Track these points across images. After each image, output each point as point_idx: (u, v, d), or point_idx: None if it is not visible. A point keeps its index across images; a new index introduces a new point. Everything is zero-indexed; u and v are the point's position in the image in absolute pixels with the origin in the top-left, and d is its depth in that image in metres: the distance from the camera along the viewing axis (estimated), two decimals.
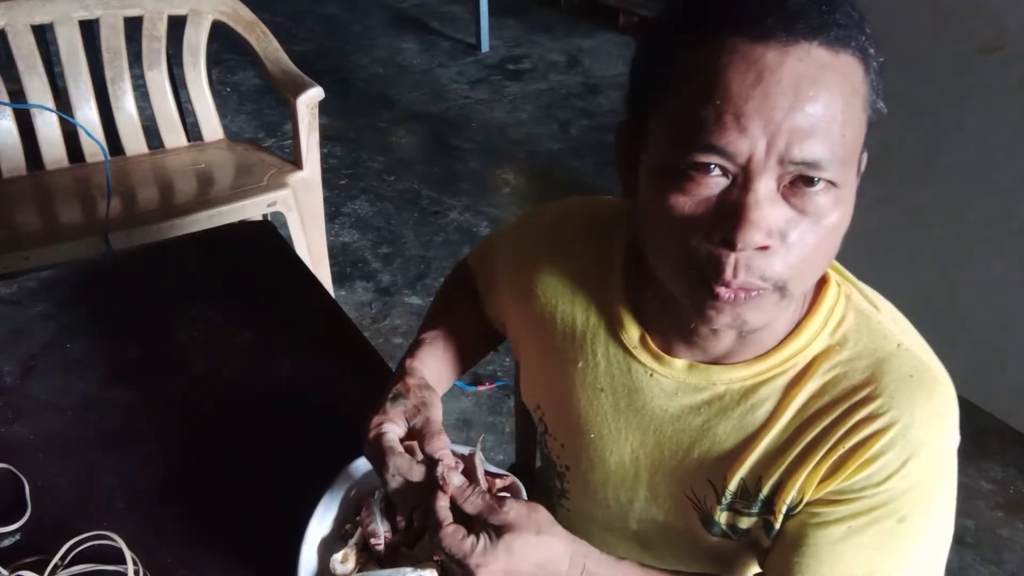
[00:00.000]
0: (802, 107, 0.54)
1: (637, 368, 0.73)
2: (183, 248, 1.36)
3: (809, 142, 0.54)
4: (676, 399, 0.72)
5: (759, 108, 0.54)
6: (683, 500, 0.75)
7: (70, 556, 0.78)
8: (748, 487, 0.70)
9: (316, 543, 0.78)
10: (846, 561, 0.67)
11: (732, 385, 0.69)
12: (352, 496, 0.83)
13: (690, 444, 0.72)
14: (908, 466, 0.64)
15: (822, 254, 0.60)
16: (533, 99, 3.78)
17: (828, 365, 0.67)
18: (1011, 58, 1.69)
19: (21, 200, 1.88)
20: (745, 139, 0.54)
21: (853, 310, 0.69)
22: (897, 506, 0.65)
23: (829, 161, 0.55)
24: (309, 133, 1.98)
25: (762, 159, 0.55)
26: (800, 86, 0.54)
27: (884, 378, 0.65)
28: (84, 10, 1.93)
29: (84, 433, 0.96)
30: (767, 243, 0.56)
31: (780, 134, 0.54)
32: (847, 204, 0.59)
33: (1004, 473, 1.86)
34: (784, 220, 0.57)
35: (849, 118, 0.56)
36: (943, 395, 0.66)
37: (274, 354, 1.09)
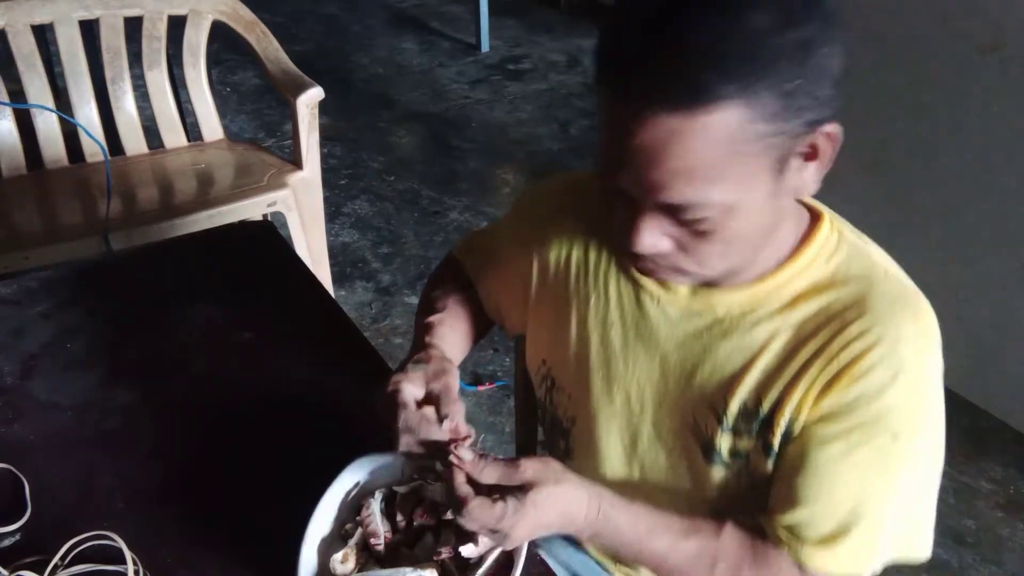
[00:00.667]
0: (656, 167, 0.60)
1: (645, 297, 0.79)
2: (183, 248, 1.36)
3: (669, 192, 0.62)
4: (680, 325, 0.77)
5: (626, 163, 0.62)
6: (685, 434, 0.79)
7: (70, 556, 0.78)
8: (749, 407, 0.74)
9: (316, 543, 0.78)
10: (844, 479, 0.70)
11: (732, 309, 0.75)
12: (352, 496, 0.83)
13: (693, 368, 0.77)
14: (897, 381, 0.68)
15: (732, 247, 0.67)
16: (533, 99, 3.78)
17: (821, 292, 0.72)
18: (1010, 58, 1.70)
19: (21, 200, 1.88)
20: (624, 182, 0.64)
21: (845, 243, 0.74)
22: (889, 423, 0.69)
23: (696, 205, 0.62)
24: (309, 133, 1.98)
25: (640, 196, 0.64)
26: (654, 148, 0.60)
27: (872, 299, 0.70)
28: (84, 10, 1.93)
29: (84, 433, 0.96)
30: (655, 251, 0.66)
31: (644, 184, 0.62)
32: (749, 206, 0.64)
33: (1004, 473, 1.86)
34: (676, 232, 0.66)
35: (716, 165, 0.60)
36: (927, 319, 0.71)
37: (274, 354, 1.09)
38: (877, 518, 0.71)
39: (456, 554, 0.75)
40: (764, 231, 0.68)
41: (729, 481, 0.78)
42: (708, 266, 0.69)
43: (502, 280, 0.94)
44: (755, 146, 0.60)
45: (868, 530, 0.71)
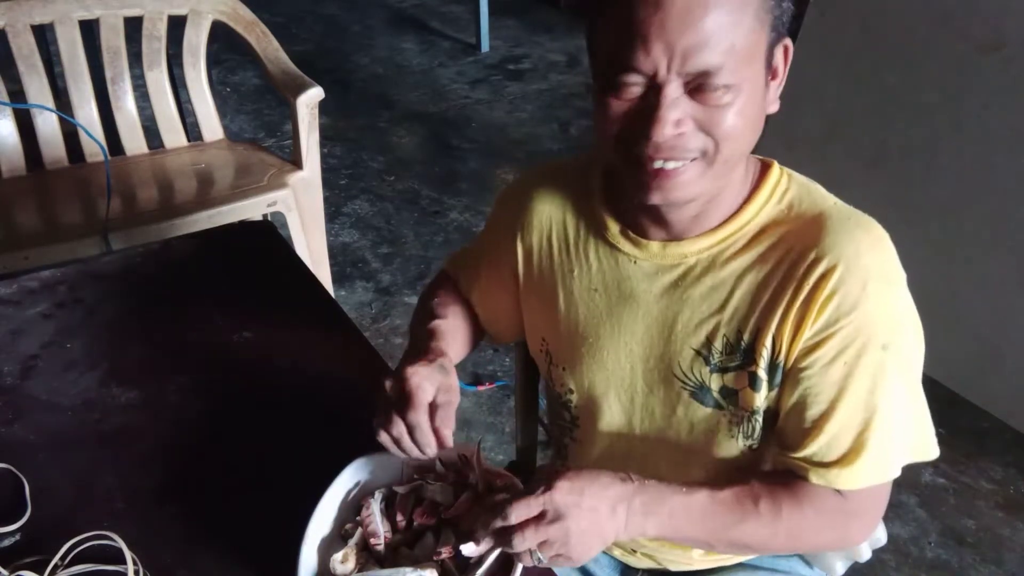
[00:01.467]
0: (693, 23, 0.65)
1: (623, 259, 0.84)
2: (183, 248, 1.36)
3: (701, 55, 0.66)
4: (657, 279, 0.82)
5: (658, 32, 0.66)
6: (675, 382, 0.83)
7: (70, 556, 0.78)
8: (730, 341, 0.79)
9: (316, 543, 0.78)
10: (849, 398, 0.75)
11: (701, 254, 0.80)
12: (352, 496, 0.83)
13: (674, 318, 0.82)
14: (868, 289, 0.73)
15: (736, 129, 0.70)
16: (533, 99, 3.78)
17: (779, 226, 0.78)
18: (1010, 58, 1.70)
19: (21, 200, 1.88)
20: (649, 59, 0.67)
21: (795, 183, 0.81)
22: (875, 332, 0.74)
23: (720, 67, 0.67)
24: (309, 133, 1.98)
25: (665, 73, 0.67)
26: (689, 9, 0.65)
27: (826, 224, 0.76)
28: (84, 10, 1.93)
29: (84, 433, 0.96)
30: (678, 131, 0.69)
31: (676, 52, 0.66)
32: (751, 94, 0.70)
33: (1004, 473, 1.86)
34: (693, 111, 0.69)
35: (739, 27, 0.67)
36: (879, 231, 0.76)
37: (274, 354, 1.09)
38: (887, 425, 0.75)
39: (456, 554, 0.75)
40: (752, 134, 0.73)
41: (723, 426, 0.83)
42: (721, 152, 0.71)
43: (493, 286, 0.97)
44: (760, 18, 0.68)
45: (882, 438, 0.75)
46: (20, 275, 1.23)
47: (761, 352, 0.78)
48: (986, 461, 1.88)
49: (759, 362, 0.78)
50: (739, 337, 0.79)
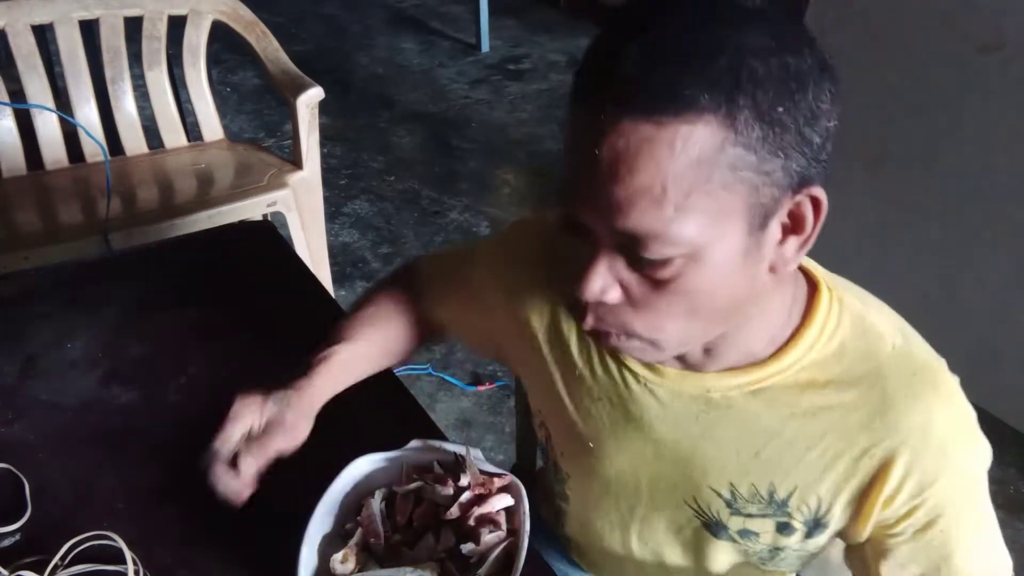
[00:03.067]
0: (621, 182, 0.54)
1: (630, 377, 0.73)
2: (183, 248, 1.36)
3: (631, 215, 0.54)
4: (672, 407, 0.71)
5: (588, 181, 0.55)
6: (686, 509, 0.75)
7: (70, 556, 0.78)
8: (760, 493, 0.70)
9: (316, 543, 0.78)
10: (959, 558, 0.69)
11: (728, 392, 0.69)
12: (352, 496, 0.83)
13: (691, 452, 0.72)
14: (948, 456, 0.66)
15: (691, 313, 0.60)
16: (533, 99, 3.78)
17: (829, 374, 0.67)
18: (1010, 58, 1.69)
19: (21, 200, 1.88)
20: (583, 210, 0.58)
21: (847, 313, 0.68)
22: (966, 491, 0.68)
23: (653, 238, 0.55)
24: (309, 133, 1.98)
25: (597, 227, 0.57)
26: (620, 161, 0.53)
27: (887, 391, 0.65)
28: (84, 10, 1.93)
29: (84, 433, 0.96)
30: (606, 299, 0.59)
31: (605, 204, 0.55)
32: (718, 261, 0.57)
33: (1004, 473, 1.86)
34: (629, 281, 0.59)
35: (687, 189, 0.53)
36: (948, 382, 0.67)
37: (274, 354, 1.08)
38: (994, 560, 0.73)
39: (456, 554, 0.75)
40: (734, 300, 0.60)
41: (736, 554, 0.77)
42: (663, 333, 0.61)
43: (468, 316, 0.89)
44: (732, 177, 0.53)
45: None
46: (20, 275, 1.23)
47: (799, 508, 0.70)
48: None
49: (795, 516, 0.71)
50: (771, 489, 0.70)
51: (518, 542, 0.74)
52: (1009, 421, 1.94)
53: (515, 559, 0.72)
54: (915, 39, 1.85)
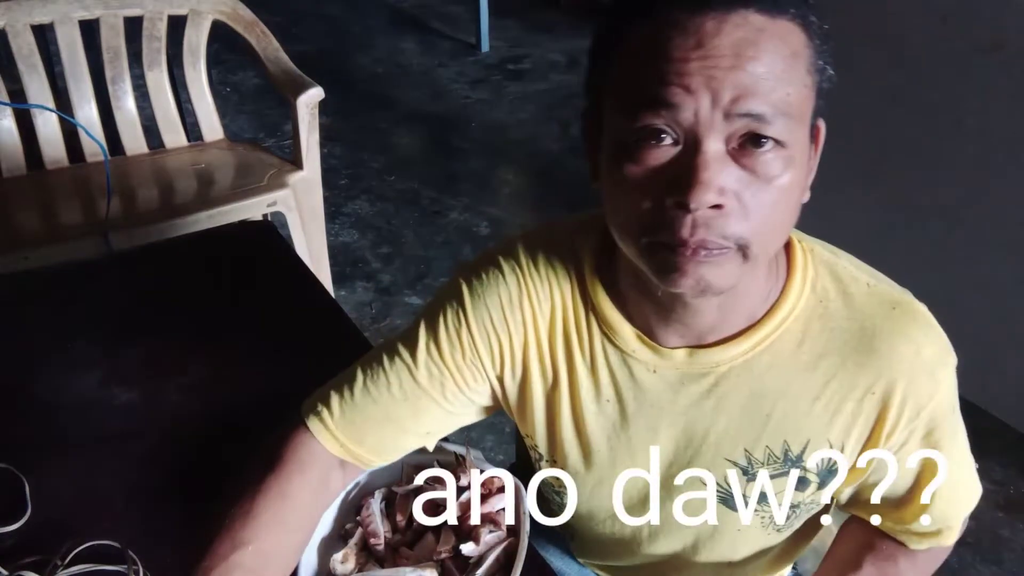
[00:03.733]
0: (743, 66, 0.56)
1: (638, 368, 0.72)
2: (183, 248, 1.36)
3: (752, 98, 0.56)
4: (683, 390, 0.72)
5: (701, 68, 0.56)
6: (701, 488, 0.76)
7: (70, 556, 0.78)
8: (774, 452, 0.72)
9: (316, 543, 0.78)
10: (945, 472, 0.74)
11: (735, 361, 0.70)
12: (352, 496, 0.83)
13: (705, 430, 0.73)
14: (936, 376, 0.70)
15: (779, 216, 0.61)
16: (533, 99, 3.78)
17: (818, 323, 0.70)
18: (1011, 58, 1.69)
19: (21, 200, 1.88)
20: (690, 97, 0.56)
21: (821, 264, 0.72)
22: (948, 404, 0.72)
23: (774, 116, 0.57)
24: (309, 133, 1.98)
25: (708, 116, 0.57)
26: (740, 47, 0.56)
27: (873, 329, 0.69)
28: (84, 10, 1.93)
29: (84, 433, 0.96)
30: (720, 201, 0.57)
31: (723, 90, 0.56)
32: (799, 167, 0.60)
33: (1004, 473, 1.86)
34: (736, 180, 0.58)
35: (792, 79, 0.58)
36: (922, 311, 0.71)
37: (274, 354, 1.09)
38: (970, 476, 0.78)
39: (456, 554, 0.75)
40: (790, 218, 0.63)
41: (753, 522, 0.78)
42: (759, 236, 0.60)
43: (445, 398, 0.78)
44: (808, 78, 0.60)
45: (970, 490, 0.79)
46: (20, 275, 1.23)
47: (812, 457, 0.72)
48: (986, 461, 1.87)
49: (809, 468, 0.73)
50: (785, 447, 0.72)
51: (518, 542, 0.74)
52: (1009, 421, 1.94)
53: (515, 559, 0.72)
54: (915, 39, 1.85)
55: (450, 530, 0.77)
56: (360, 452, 0.77)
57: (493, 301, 0.75)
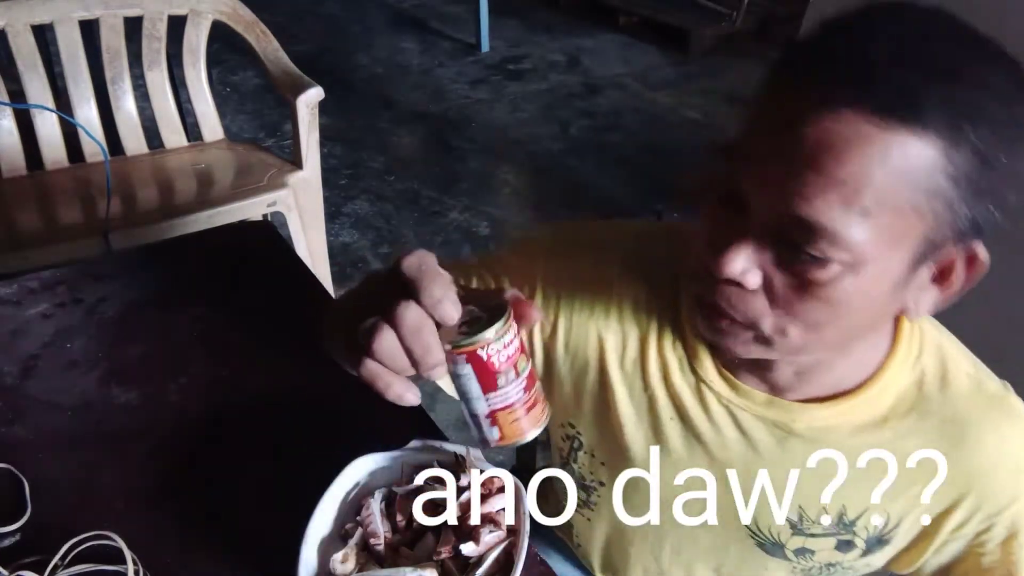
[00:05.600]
0: (815, 168, 0.51)
1: (711, 398, 0.71)
2: (183, 248, 1.36)
3: (807, 205, 0.51)
4: (751, 432, 0.70)
5: (776, 160, 0.53)
6: (742, 530, 0.75)
7: (70, 556, 0.78)
8: (829, 513, 0.71)
9: (316, 543, 0.78)
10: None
11: (813, 423, 0.68)
12: (352, 496, 0.83)
13: (763, 477, 0.71)
14: (1020, 484, 0.67)
15: (817, 317, 0.56)
16: (533, 99, 3.78)
17: (911, 403, 0.67)
18: None
19: (21, 200, 1.88)
20: (754, 185, 0.54)
21: (928, 341, 0.69)
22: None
23: (827, 235, 0.52)
24: (309, 133, 1.98)
25: (764, 194, 0.54)
26: (826, 147, 0.51)
27: (963, 422, 0.66)
28: (84, 10, 1.93)
29: (84, 433, 0.96)
30: (745, 282, 0.56)
31: (786, 189, 0.52)
32: (866, 282, 0.54)
33: None
34: (772, 273, 0.56)
35: (881, 199, 0.51)
36: (1016, 406, 0.68)
37: (274, 354, 1.09)
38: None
39: (456, 554, 0.75)
40: (861, 326, 0.59)
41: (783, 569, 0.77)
42: (785, 337, 0.58)
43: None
44: (926, 204, 0.52)
45: None
46: (20, 275, 1.23)
47: (866, 526, 0.71)
48: None
49: (859, 534, 0.71)
50: (841, 512, 0.71)
51: (518, 542, 0.74)
52: None
53: (515, 559, 0.72)
54: None
55: (450, 530, 0.77)
56: None
57: (571, 270, 0.74)
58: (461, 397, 0.58)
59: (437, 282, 0.51)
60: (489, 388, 0.57)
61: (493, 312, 0.55)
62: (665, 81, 4.00)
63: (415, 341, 0.50)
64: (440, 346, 0.52)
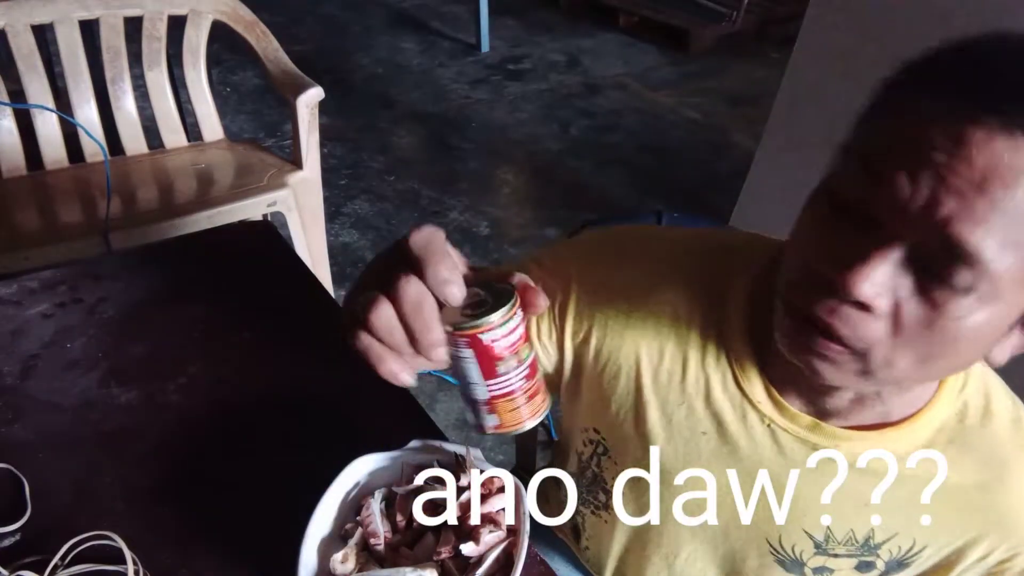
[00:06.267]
0: (985, 188, 0.47)
1: (752, 416, 0.70)
2: (183, 248, 1.36)
3: (965, 227, 0.47)
4: (789, 453, 0.69)
5: (942, 168, 0.48)
6: (764, 545, 0.74)
7: (70, 556, 0.78)
8: (856, 537, 0.70)
9: (316, 543, 0.78)
10: None
11: (854, 451, 0.67)
12: (352, 496, 0.83)
13: (794, 496, 0.71)
14: None
15: (933, 355, 0.53)
16: (533, 99, 3.78)
17: (950, 436, 0.67)
18: None
19: (21, 200, 1.88)
20: (901, 188, 0.49)
21: (974, 376, 0.67)
22: None
23: (978, 258, 0.48)
24: (309, 133, 1.98)
25: (913, 214, 0.49)
26: (997, 171, 0.47)
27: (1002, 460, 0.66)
28: (84, 10, 1.93)
29: (84, 433, 0.96)
30: (872, 303, 0.51)
31: (946, 200, 0.48)
32: (990, 320, 0.52)
33: None
34: (902, 292, 0.51)
35: (1021, 231, 0.48)
36: None
37: (274, 354, 1.09)
38: None
39: (456, 554, 0.75)
40: (967, 363, 0.57)
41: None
42: (892, 368, 0.55)
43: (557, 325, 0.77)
44: None
45: None
46: (20, 275, 1.23)
47: (889, 550, 0.70)
48: None
49: (882, 556, 0.71)
50: (868, 535, 0.70)
51: (518, 542, 0.74)
52: None
53: (515, 559, 0.72)
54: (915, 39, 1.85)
55: (450, 530, 0.77)
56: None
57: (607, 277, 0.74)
58: (460, 380, 0.57)
59: (444, 261, 0.50)
60: (490, 374, 0.55)
61: (500, 297, 0.54)
62: (665, 81, 4.00)
63: (415, 317, 0.49)
64: (440, 325, 0.50)
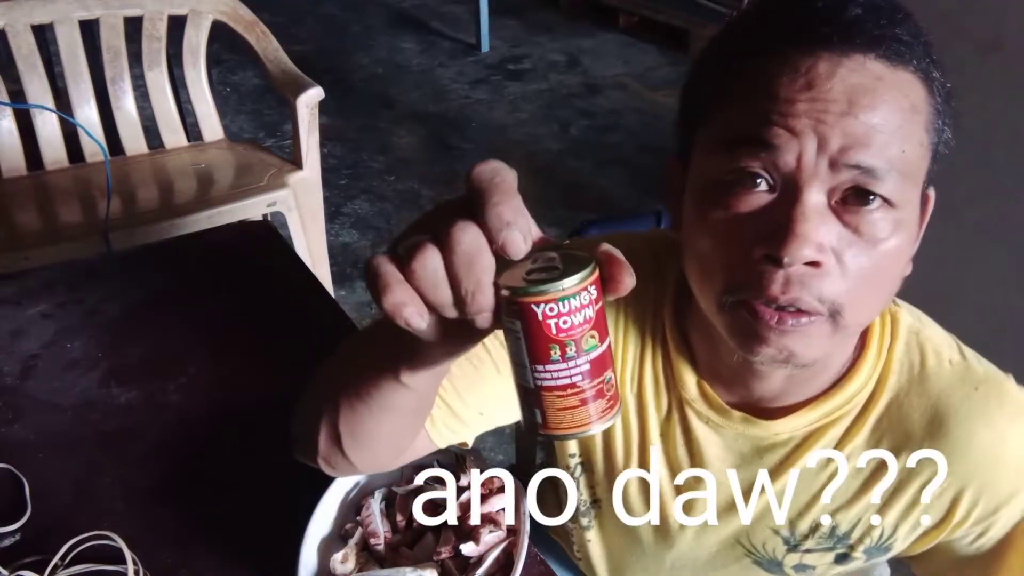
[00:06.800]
0: (856, 114, 0.51)
1: (692, 417, 0.69)
2: (183, 248, 1.36)
3: (864, 149, 0.51)
4: (735, 448, 0.69)
5: (809, 111, 0.51)
6: (738, 548, 0.74)
7: (70, 556, 0.78)
8: (821, 527, 0.69)
9: (316, 543, 0.78)
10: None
11: (796, 431, 0.66)
12: (352, 496, 0.83)
13: (747, 493, 0.70)
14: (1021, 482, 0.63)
15: (880, 284, 0.55)
16: (533, 99, 3.78)
17: (888, 399, 0.65)
18: (1010, 58, 1.69)
19: (21, 200, 1.88)
20: (794, 140, 0.51)
21: (903, 333, 0.66)
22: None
23: (886, 171, 0.51)
24: (309, 133, 1.98)
25: (812, 163, 0.51)
26: (854, 94, 0.51)
27: (952, 406, 0.63)
28: (84, 10, 1.93)
29: (84, 433, 0.96)
30: (818, 258, 0.51)
31: (832, 137, 0.51)
32: (907, 233, 0.55)
33: None
34: (836, 238, 0.52)
35: (908, 135, 0.53)
36: (1013, 394, 0.65)
37: (274, 354, 1.09)
38: None
39: (456, 554, 0.75)
40: (889, 288, 0.57)
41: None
42: (855, 304, 0.54)
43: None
44: (926, 137, 0.55)
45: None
46: (20, 275, 1.23)
47: (863, 540, 0.69)
48: None
49: (857, 547, 0.69)
50: (833, 524, 0.68)
51: (518, 542, 0.74)
52: None
53: (515, 559, 0.72)
54: None
55: (450, 530, 0.77)
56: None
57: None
58: (511, 361, 0.45)
59: (510, 203, 0.42)
60: (538, 358, 0.43)
61: (573, 264, 0.43)
62: (665, 81, 4.00)
63: (467, 272, 0.40)
64: (493, 286, 0.41)
